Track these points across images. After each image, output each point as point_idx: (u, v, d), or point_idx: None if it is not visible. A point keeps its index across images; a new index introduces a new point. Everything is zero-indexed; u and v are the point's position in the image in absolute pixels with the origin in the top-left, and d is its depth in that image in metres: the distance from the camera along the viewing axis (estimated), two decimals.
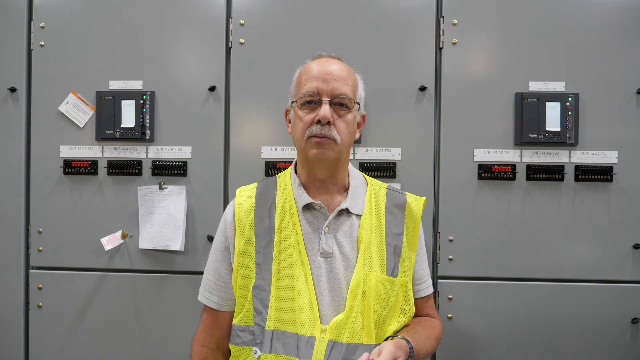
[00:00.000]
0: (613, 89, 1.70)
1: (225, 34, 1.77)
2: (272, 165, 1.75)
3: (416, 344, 1.18)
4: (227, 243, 1.27)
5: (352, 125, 1.23)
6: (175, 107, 1.78)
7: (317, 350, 1.14)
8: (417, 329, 1.25)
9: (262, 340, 1.18)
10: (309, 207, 1.25)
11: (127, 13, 1.79)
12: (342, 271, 1.20)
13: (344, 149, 1.22)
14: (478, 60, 1.73)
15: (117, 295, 1.78)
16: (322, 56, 1.27)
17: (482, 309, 1.71)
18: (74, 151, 1.80)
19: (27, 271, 1.81)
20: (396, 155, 1.74)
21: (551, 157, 1.71)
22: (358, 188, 1.29)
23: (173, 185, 1.77)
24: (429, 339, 1.25)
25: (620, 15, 1.69)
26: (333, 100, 1.19)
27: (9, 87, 1.80)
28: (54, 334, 1.79)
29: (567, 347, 1.70)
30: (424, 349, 1.21)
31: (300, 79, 1.24)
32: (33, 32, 1.80)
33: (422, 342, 1.21)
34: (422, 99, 1.73)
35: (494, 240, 1.72)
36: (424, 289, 1.34)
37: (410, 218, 1.29)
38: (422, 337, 1.22)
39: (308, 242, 1.22)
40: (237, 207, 1.28)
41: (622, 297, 1.69)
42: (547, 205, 1.71)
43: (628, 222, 1.69)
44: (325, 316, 1.17)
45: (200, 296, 1.32)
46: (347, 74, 1.23)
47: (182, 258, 1.77)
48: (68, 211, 1.80)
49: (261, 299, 1.19)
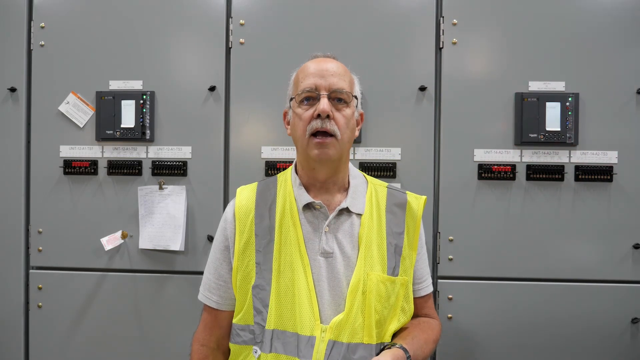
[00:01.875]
0: (613, 89, 1.70)
1: (225, 34, 1.77)
2: (272, 165, 1.75)
3: (414, 351, 1.18)
4: (227, 242, 1.27)
5: (352, 120, 1.24)
6: (175, 107, 1.78)
7: (317, 350, 1.13)
8: (415, 334, 1.24)
9: (262, 339, 1.18)
10: (309, 207, 1.25)
11: (127, 13, 1.79)
12: (343, 271, 1.20)
13: (344, 147, 1.23)
14: (478, 60, 1.73)
15: (117, 295, 1.78)
16: (318, 56, 1.29)
17: (482, 309, 1.71)
18: (74, 151, 1.80)
19: (27, 271, 1.81)
20: (396, 155, 1.74)
21: (551, 157, 1.71)
22: (358, 187, 1.29)
23: (173, 185, 1.77)
24: (427, 343, 1.26)
25: (620, 15, 1.70)
26: (331, 94, 1.20)
27: (9, 87, 1.80)
28: (54, 334, 1.79)
29: (567, 347, 1.70)
30: (421, 354, 1.22)
31: (298, 78, 1.25)
32: (33, 32, 1.81)
33: (419, 347, 1.21)
34: (422, 99, 1.74)
35: (494, 240, 1.72)
36: (423, 288, 1.34)
37: (411, 217, 1.29)
38: (419, 342, 1.23)
39: (308, 242, 1.22)
40: (237, 207, 1.28)
41: (622, 297, 1.69)
42: (547, 205, 1.71)
43: (628, 222, 1.69)
44: (325, 316, 1.17)
45: (200, 295, 1.32)
46: (343, 71, 1.24)
47: (182, 258, 1.77)
48: (68, 211, 1.80)
49: (261, 299, 1.19)
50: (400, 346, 1.17)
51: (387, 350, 1.15)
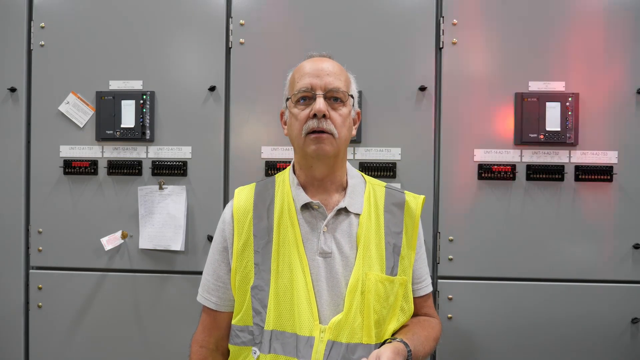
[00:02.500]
0: (613, 89, 1.70)
1: (225, 34, 1.77)
2: (272, 165, 1.75)
3: (414, 346, 1.17)
4: (226, 243, 1.27)
5: (348, 119, 1.24)
6: (175, 107, 1.78)
7: (316, 351, 1.13)
8: (415, 330, 1.24)
9: (261, 340, 1.18)
10: (307, 207, 1.24)
11: (127, 13, 1.79)
12: (341, 271, 1.20)
13: (342, 144, 1.22)
14: (478, 60, 1.73)
15: (117, 295, 1.78)
16: (314, 56, 1.28)
17: (482, 309, 1.71)
18: (74, 151, 1.80)
19: (27, 271, 1.81)
20: (396, 155, 1.74)
21: (551, 157, 1.71)
22: (356, 187, 1.29)
23: (173, 185, 1.77)
24: (428, 340, 1.25)
25: (620, 15, 1.69)
26: (327, 94, 1.20)
27: (9, 87, 1.80)
28: (54, 334, 1.79)
29: (567, 347, 1.69)
30: (422, 350, 1.21)
31: (294, 78, 1.25)
32: (33, 32, 1.81)
33: (420, 343, 1.21)
34: (422, 98, 1.73)
35: (494, 240, 1.72)
36: (423, 287, 1.34)
37: (409, 216, 1.29)
38: (420, 338, 1.22)
39: (307, 242, 1.21)
40: (235, 207, 1.27)
41: (622, 297, 1.68)
42: (547, 205, 1.71)
43: (628, 222, 1.69)
44: (324, 316, 1.17)
45: (199, 297, 1.31)
46: (339, 70, 1.24)
47: (182, 258, 1.77)
48: (68, 211, 1.80)
49: (260, 299, 1.19)
50: (400, 340, 1.17)
51: (388, 344, 1.15)
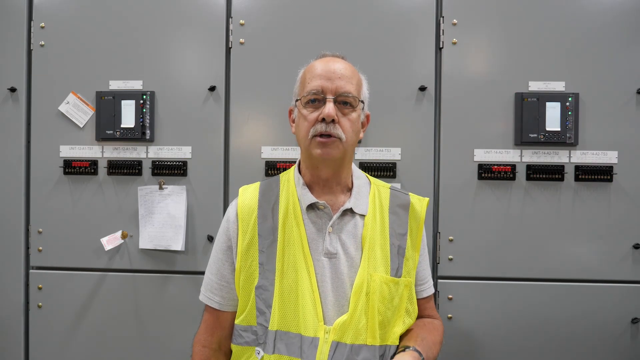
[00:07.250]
0: (613, 89, 1.70)
1: (225, 34, 1.77)
2: (272, 165, 1.75)
3: (426, 354, 1.19)
4: (230, 242, 1.26)
5: (357, 123, 1.23)
6: (175, 107, 1.78)
7: (320, 351, 1.13)
8: (423, 335, 1.25)
9: (265, 340, 1.17)
10: (313, 207, 1.24)
11: (127, 13, 1.79)
12: (346, 271, 1.20)
13: (348, 148, 1.22)
14: (478, 60, 1.73)
15: (117, 295, 1.78)
16: (327, 55, 1.27)
17: (482, 309, 1.71)
18: (74, 151, 1.80)
19: (27, 271, 1.81)
20: (396, 155, 1.74)
21: (551, 157, 1.71)
22: (362, 188, 1.29)
23: (173, 185, 1.77)
24: (435, 344, 1.27)
25: (620, 15, 1.70)
26: (337, 98, 1.19)
27: (9, 87, 1.80)
28: (54, 334, 1.79)
29: (567, 347, 1.70)
30: (431, 357, 1.23)
31: (305, 78, 1.24)
32: (33, 32, 1.80)
33: (429, 349, 1.22)
34: (422, 99, 1.74)
35: (494, 240, 1.72)
36: (426, 289, 1.34)
37: (414, 218, 1.29)
38: (429, 343, 1.23)
39: (312, 242, 1.21)
40: (240, 206, 1.27)
41: (622, 297, 1.69)
42: (547, 206, 1.71)
43: (628, 222, 1.70)
44: (329, 317, 1.17)
45: (202, 296, 1.31)
46: (351, 73, 1.22)
47: (182, 258, 1.77)
48: (68, 211, 1.80)
49: (264, 299, 1.19)
50: (414, 348, 1.17)
51: (404, 353, 1.16)
